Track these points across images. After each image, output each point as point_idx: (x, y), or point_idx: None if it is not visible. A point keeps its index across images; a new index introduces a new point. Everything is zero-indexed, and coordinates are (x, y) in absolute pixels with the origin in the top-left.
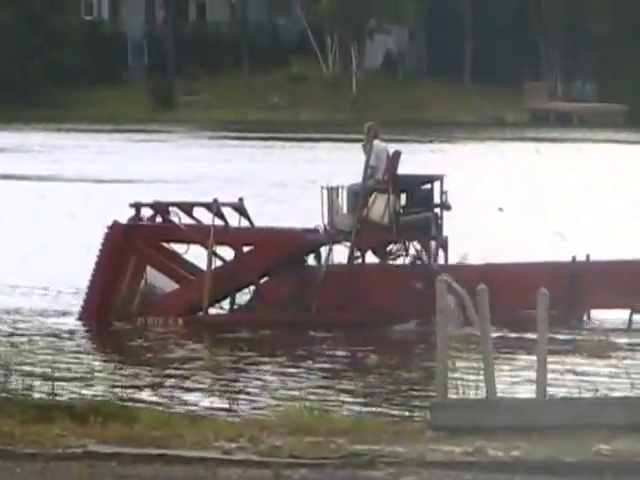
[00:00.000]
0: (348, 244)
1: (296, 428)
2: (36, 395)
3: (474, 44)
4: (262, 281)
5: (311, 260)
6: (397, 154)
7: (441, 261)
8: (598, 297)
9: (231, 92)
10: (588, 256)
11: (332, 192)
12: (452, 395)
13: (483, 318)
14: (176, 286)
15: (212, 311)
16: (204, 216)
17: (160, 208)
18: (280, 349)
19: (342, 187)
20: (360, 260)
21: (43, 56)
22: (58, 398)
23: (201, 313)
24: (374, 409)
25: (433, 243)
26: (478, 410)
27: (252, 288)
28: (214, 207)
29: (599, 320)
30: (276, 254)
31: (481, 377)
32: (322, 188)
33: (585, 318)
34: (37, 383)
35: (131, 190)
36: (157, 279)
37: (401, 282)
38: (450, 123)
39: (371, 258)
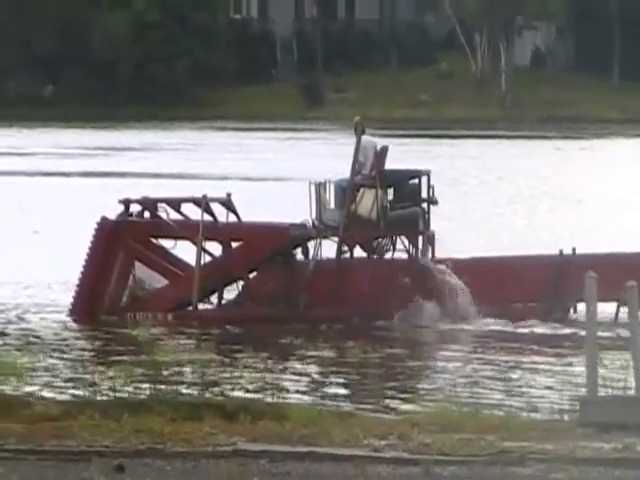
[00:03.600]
0: (336, 239)
1: (446, 425)
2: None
3: (622, 40)
4: (250, 276)
5: (299, 255)
6: (385, 149)
7: (429, 255)
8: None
9: (379, 89)
10: (574, 249)
11: (320, 187)
12: (601, 392)
13: (633, 315)
14: (165, 282)
15: (201, 306)
16: (192, 212)
17: (148, 204)
18: (427, 345)
19: (330, 182)
20: (348, 255)
21: (191, 55)
22: (207, 396)
23: (190, 308)
24: (522, 406)
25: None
26: (628, 407)
27: (241, 283)
28: (203, 203)
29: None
30: (264, 249)
31: (629, 374)
32: (310, 183)
33: (572, 312)
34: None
35: (279, 188)
36: (146, 275)
37: (389, 277)
38: (598, 120)
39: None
